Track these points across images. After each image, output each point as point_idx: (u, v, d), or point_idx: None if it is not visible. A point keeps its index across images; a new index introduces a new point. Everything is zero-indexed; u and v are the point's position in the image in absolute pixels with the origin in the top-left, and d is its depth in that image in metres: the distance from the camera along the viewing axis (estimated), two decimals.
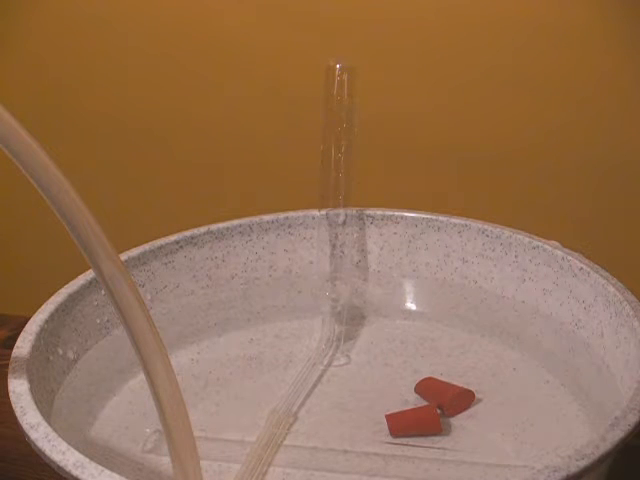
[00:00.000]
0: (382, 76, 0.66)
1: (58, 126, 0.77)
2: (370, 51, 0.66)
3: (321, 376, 0.48)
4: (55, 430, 0.36)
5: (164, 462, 0.41)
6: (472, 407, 0.45)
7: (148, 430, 0.44)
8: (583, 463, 0.33)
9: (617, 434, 0.34)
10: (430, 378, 0.46)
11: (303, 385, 0.47)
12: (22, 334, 0.43)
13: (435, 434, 0.43)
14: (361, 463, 0.42)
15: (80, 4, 0.73)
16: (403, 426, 0.43)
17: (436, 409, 0.43)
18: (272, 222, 0.53)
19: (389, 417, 0.44)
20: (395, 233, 0.53)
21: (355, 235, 0.53)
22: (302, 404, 0.46)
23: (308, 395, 0.47)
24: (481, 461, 0.41)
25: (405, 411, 0.44)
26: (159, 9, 0.72)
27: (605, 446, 0.34)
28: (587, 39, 0.62)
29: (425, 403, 0.45)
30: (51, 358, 0.44)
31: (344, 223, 0.52)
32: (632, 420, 0.35)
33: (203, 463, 0.36)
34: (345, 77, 0.49)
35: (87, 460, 0.34)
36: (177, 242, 0.51)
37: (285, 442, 0.43)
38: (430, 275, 0.53)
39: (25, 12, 0.75)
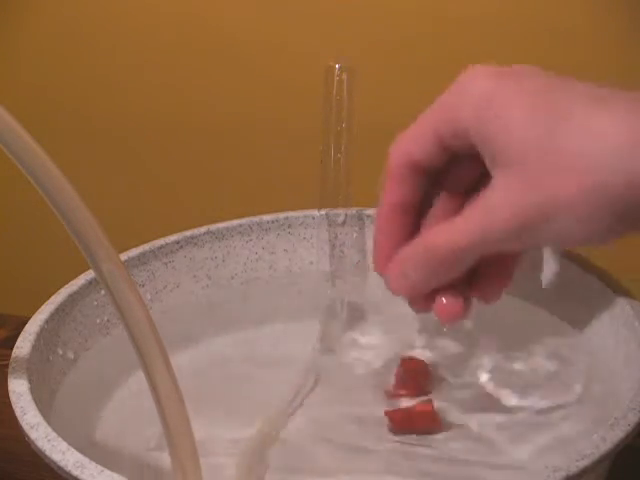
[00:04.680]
0: (382, 75, 0.66)
1: (58, 126, 0.77)
2: (370, 50, 0.66)
3: (321, 376, 0.48)
4: (55, 430, 0.36)
5: (164, 461, 0.41)
6: (471, 407, 0.45)
7: (148, 429, 0.44)
8: (583, 463, 0.33)
9: (617, 434, 0.34)
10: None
11: (303, 385, 0.47)
12: (22, 334, 0.43)
13: (436, 432, 0.43)
14: (361, 461, 0.42)
15: (81, 3, 0.73)
16: (404, 424, 0.43)
17: (435, 411, 0.43)
18: (272, 222, 0.53)
19: (389, 414, 0.44)
20: None
21: (355, 235, 0.53)
22: (301, 404, 0.46)
23: (308, 395, 0.47)
24: (481, 461, 0.41)
25: (405, 409, 0.44)
26: (158, 10, 0.72)
27: (605, 446, 0.34)
28: (588, 38, 0.62)
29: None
30: (51, 358, 0.44)
31: (344, 223, 0.52)
32: (632, 420, 0.35)
33: (202, 462, 0.36)
34: (344, 77, 0.49)
35: (87, 460, 0.34)
36: (177, 242, 0.51)
37: (284, 441, 0.43)
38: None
39: (26, 12, 0.75)
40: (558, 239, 0.37)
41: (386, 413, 0.44)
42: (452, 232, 0.38)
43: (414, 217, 0.42)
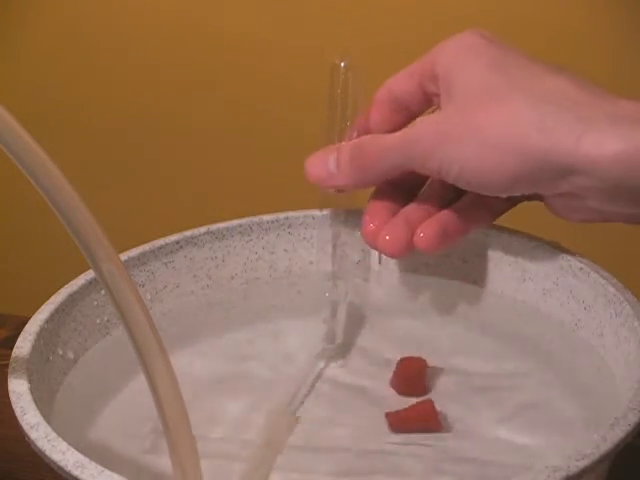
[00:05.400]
0: (387, 74, 0.66)
1: (58, 126, 0.77)
2: (374, 49, 0.66)
3: (321, 376, 0.48)
4: (55, 430, 0.36)
5: (164, 462, 0.41)
6: (472, 407, 0.45)
7: (148, 430, 0.44)
8: (583, 463, 0.33)
9: (617, 434, 0.34)
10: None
11: (303, 385, 0.47)
12: (22, 334, 0.43)
13: (436, 431, 0.43)
14: (362, 462, 0.42)
15: (81, 3, 0.73)
16: (403, 423, 0.43)
17: (436, 410, 0.43)
18: (272, 222, 0.53)
19: (389, 415, 0.44)
20: None
21: (356, 235, 0.53)
22: (302, 404, 0.46)
23: (308, 395, 0.47)
24: (480, 461, 0.41)
25: (405, 409, 0.44)
26: (159, 9, 0.72)
27: (605, 446, 0.34)
28: (586, 40, 0.62)
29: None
30: (51, 358, 0.44)
31: (344, 223, 0.52)
32: (632, 420, 0.35)
33: (203, 463, 0.36)
34: (349, 75, 0.48)
35: (87, 460, 0.34)
36: (177, 242, 0.51)
37: (285, 442, 0.43)
38: (430, 275, 0.52)
39: (26, 12, 0.75)
40: (465, 170, 0.41)
41: (386, 415, 0.44)
42: (381, 137, 0.45)
43: None
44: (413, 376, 0.46)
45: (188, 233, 0.52)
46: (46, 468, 0.36)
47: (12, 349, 0.42)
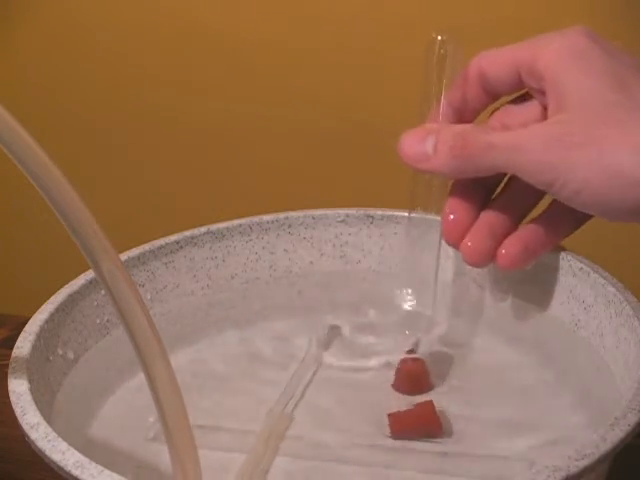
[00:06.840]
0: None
1: (58, 125, 0.77)
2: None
3: (320, 376, 0.48)
4: (55, 430, 0.36)
5: (164, 461, 0.41)
6: (472, 407, 0.45)
7: (148, 430, 0.44)
8: (583, 463, 0.33)
9: (617, 434, 0.34)
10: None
11: (302, 385, 0.47)
12: (22, 334, 0.43)
13: (436, 434, 0.43)
14: (363, 457, 0.42)
15: (82, 3, 0.73)
16: (404, 427, 0.43)
17: (436, 411, 0.43)
18: (272, 222, 0.53)
19: (391, 416, 0.44)
20: (395, 233, 0.53)
21: (355, 235, 0.53)
22: (301, 404, 0.46)
23: (307, 395, 0.47)
24: (480, 461, 0.41)
25: (406, 413, 0.44)
26: (160, 11, 0.72)
27: (605, 446, 0.34)
28: None
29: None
30: (51, 358, 0.44)
31: (344, 223, 0.52)
32: (632, 420, 0.35)
33: (202, 462, 0.36)
34: (447, 50, 0.44)
35: (87, 460, 0.34)
36: (177, 242, 0.51)
37: (284, 440, 0.43)
38: (430, 275, 0.52)
39: (25, 12, 0.75)
40: (583, 192, 0.38)
41: (389, 416, 0.44)
42: (487, 132, 0.41)
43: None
44: (416, 375, 0.46)
45: (188, 233, 0.52)
46: (46, 468, 0.36)
47: (12, 349, 0.42)
